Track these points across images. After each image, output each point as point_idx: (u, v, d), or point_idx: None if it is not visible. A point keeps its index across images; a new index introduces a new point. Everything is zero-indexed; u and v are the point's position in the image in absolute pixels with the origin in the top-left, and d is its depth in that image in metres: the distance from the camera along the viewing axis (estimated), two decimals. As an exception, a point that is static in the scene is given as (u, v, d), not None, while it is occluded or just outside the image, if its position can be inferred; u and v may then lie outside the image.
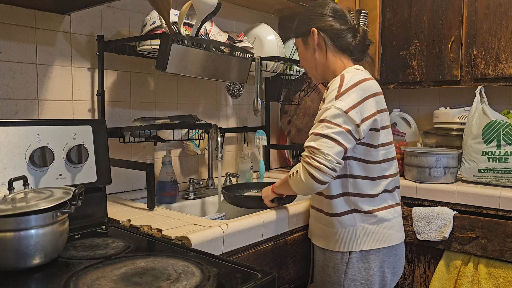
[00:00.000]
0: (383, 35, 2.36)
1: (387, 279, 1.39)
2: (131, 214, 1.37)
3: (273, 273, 0.93)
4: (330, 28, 1.38)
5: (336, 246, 1.36)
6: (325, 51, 1.40)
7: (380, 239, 1.35)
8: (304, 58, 1.47)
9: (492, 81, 2.06)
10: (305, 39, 1.44)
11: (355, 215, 1.35)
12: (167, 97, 1.87)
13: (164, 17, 1.33)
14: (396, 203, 1.41)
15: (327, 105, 1.28)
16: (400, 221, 1.42)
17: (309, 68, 1.48)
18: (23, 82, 1.43)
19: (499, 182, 1.84)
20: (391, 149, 1.39)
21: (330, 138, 1.23)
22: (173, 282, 0.88)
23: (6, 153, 1.09)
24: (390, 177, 1.38)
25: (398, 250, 1.41)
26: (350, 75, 1.31)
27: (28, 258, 0.93)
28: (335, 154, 1.22)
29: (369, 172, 1.34)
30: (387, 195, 1.38)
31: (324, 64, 1.42)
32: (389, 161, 1.38)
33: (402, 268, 1.45)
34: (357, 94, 1.27)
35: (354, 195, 1.34)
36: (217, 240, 1.19)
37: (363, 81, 1.30)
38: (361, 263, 1.35)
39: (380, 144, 1.34)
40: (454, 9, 2.14)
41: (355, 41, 1.39)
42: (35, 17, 1.45)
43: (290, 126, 2.31)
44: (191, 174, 1.99)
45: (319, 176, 1.21)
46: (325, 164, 1.20)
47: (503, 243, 1.69)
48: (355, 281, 1.35)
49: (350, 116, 1.24)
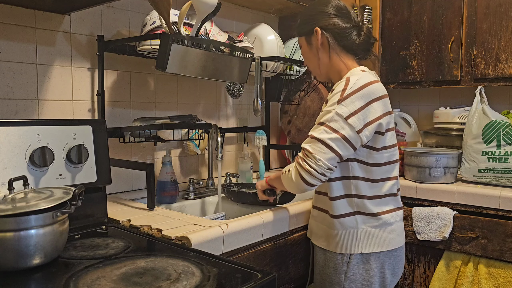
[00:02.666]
0: (383, 35, 2.36)
1: (387, 280, 1.38)
2: (131, 214, 1.37)
3: (273, 273, 0.93)
4: (334, 27, 1.36)
5: (336, 248, 1.36)
6: (328, 51, 1.38)
7: (381, 243, 1.35)
8: (308, 57, 1.46)
9: (492, 81, 2.06)
10: (308, 38, 1.42)
11: (357, 217, 1.34)
12: (167, 97, 1.87)
13: (164, 17, 1.33)
14: (398, 207, 1.40)
15: (329, 108, 1.27)
16: (401, 225, 1.42)
17: (313, 67, 1.46)
18: (23, 82, 1.43)
19: (499, 182, 1.84)
20: (395, 152, 1.38)
21: (325, 143, 1.23)
22: (173, 282, 0.88)
23: (6, 153, 1.09)
24: (392, 180, 1.38)
25: (399, 252, 1.41)
26: (355, 78, 1.29)
27: (28, 258, 0.93)
28: (326, 160, 1.23)
29: (370, 174, 1.33)
30: (390, 198, 1.37)
31: (327, 63, 1.40)
32: (393, 163, 1.37)
33: (402, 269, 1.45)
34: (361, 99, 1.26)
35: (357, 196, 1.34)
36: (217, 240, 1.19)
37: (368, 84, 1.28)
38: (362, 265, 1.35)
39: (384, 147, 1.33)
40: (454, 9, 2.14)
41: (359, 40, 1.37)
42: (35, 17, 1.45)
43: (290, 126, 2.31)
44: (191, 174, 1.99)
45: (308, 179, 1.24)
46: (315, 169, 1.23)
47: (503, 243, 1.69)
48: (356, 281, 1.35)
49: (350, 122, 1.24)
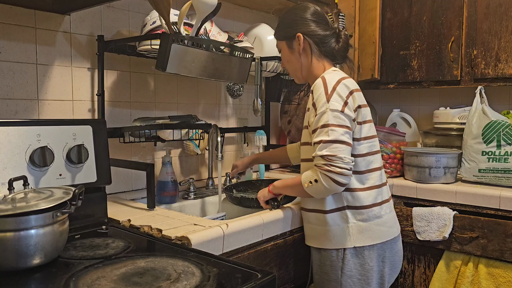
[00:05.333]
0: (383, 35, 2.36)
1: (385, 274, 1.40)
2: (131, 214, 1.37)
3: (273, 273, 0.93)
4: (314, 34, 1.42)
5: (330, 244, 1.38)
6: (310, 55, 1.44)
7: (373, 236, 1.36)
8: (289, 61, 1.49)
9: (492, 81, 2.06)
10: (289, 43, 1.46)
11: (347, 212, 1.36)
12: (167, 97, 1.87)
13: (164, 17, 1.33)
14: (385, 199, 1.42)
15: (322, 110, 1.31)
16: (392, 216, 1.44)
17: (293, 70, 1.50)
18: (23, 82, 1.43)
19: (499, 182, 1.84)
20: (375, 143, 1.43)
21: (339, 141, 1.27)
22: (173, 282, 0.88)
23: (6, 153, 1.09)
24: (376, 170, 1.40)
25: (394, 244, 1.42)
26: (329, 76, 1.37)
27: (28, 258, 0.93)
28: (348, 154, 1.28)
29: (356, 166, 1.35)
30: (378, 190, 1.40)
31: (309, 67, 1.46)
32: (374, 154, 1.41)
33: (400, 262, 1.46)
34: (342, 92, 1.32)
35: (345, 190, 1.35)
36: (217, 240, 1.19)
37: (342, 79, 1.35)
38: (356, 259, 1.36)
39: (364, 137, 1.37)
40: (454, 9, 2.14)
41: (338, 46, 1.44)
42: (35, 17, 1.45)
43: (290, 126, 2.31)
44: (191, 174, 1.99)
45: (342, 180, 1.26)
46: (345, 167, 1.25)
47: (503, 243, 1.69)
48: (352, 277, 1.36)
49: (346, 113, 1.30)
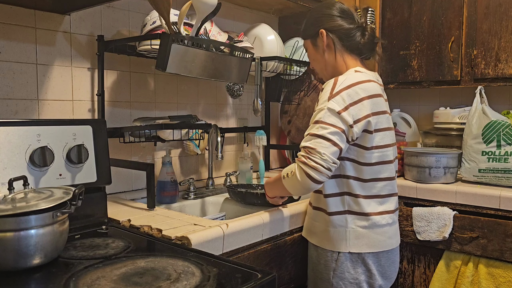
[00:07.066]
0: (383, 35, 2.36)
1: (376, 282, 1.37)
2: (131, 214, 1.37)
3: (273, 273, 0.93)
4: (338, 28, 1.39)
5: (327, 245, 1.37)
6: (334, 52, 1.41)
7: (370, 244, 1.35)
8: (315, 60, 1.48)
9: (492, 81, 2.06)
10: (314, 41, 1.44)
11: (347, 216, 1.35)
12: (167, 97, 1.87)
13: (164, 17, 1.33)
14: (390, 210, 1.38)
15: (321, 106, 1.29)
16: (395, 228, 1.41)
17: (320, 69, 1.48)
18: (23, 82, 1.43)
19: (499, 182, 1.84)
20: (388, 152, 1.37)
21: (325, 138, 1.24)
22: (173, 282, 0.88)
23: (6, 153, 1.09)
24: (384, 181, 1.36)
25: (391, 254, 1.40)
26: (344, 77, 1.32)
27: (28, 258, 0.93)
28: (330, 154, 1.23)
29: (361, 173, 1.33)
30: (381, 200, 1.36)
31: (333, 64, 1.43)
32: (385, 164, 1.36)
33: (395, 272, 1.43)
34: (349, 97, 1.27)
35: (348, 194, 1.35)
36: (217, 240, 1.19)
37: (358, 83, 1.30)
38: (350, 263, 1.35)
39: (374, 146, 1.33)
40: (454, 9, 2.14)
41: (363, 40, 1.40)
42: (35, 17, 1.45)
43: (290, 126, 2.31)
44: (191, 174, 1.99)
45: (316, 175, 1.22)
46: (321, 164, 1.22)
47: (503, 243, 1.69)
48: (344, 279, 1.35)
49: (343, 117, 1.26)
